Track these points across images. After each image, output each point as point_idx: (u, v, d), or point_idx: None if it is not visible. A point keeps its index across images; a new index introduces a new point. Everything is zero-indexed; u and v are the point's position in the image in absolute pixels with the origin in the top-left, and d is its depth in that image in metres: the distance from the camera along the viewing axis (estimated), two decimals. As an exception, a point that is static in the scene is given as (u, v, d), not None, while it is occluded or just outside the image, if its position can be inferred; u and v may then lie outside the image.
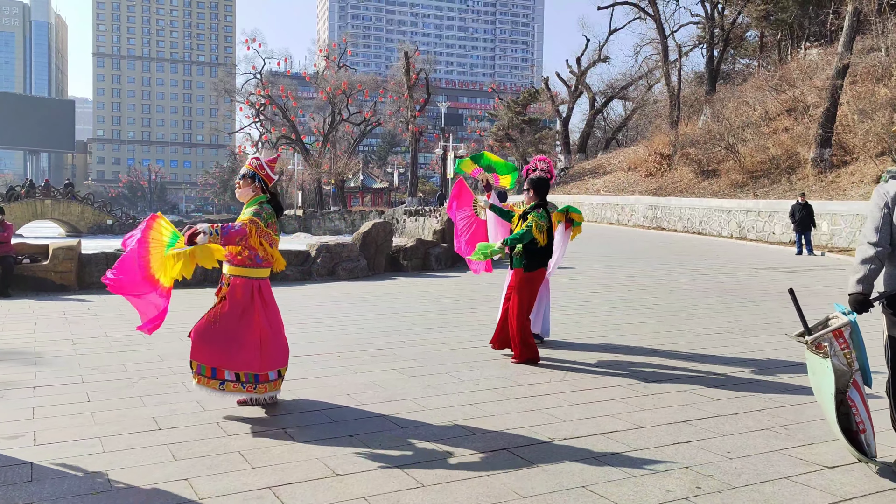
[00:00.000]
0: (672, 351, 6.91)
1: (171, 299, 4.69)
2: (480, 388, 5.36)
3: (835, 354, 3.64)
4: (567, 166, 52.45)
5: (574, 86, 55.93)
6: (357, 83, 54.63)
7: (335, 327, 8.07)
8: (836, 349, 3.64)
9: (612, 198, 35.54)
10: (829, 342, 3.65)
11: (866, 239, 3.58)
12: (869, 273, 3.56)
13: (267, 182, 4.90)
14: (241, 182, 4.88)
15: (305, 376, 5.71)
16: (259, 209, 4.72)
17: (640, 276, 13.90)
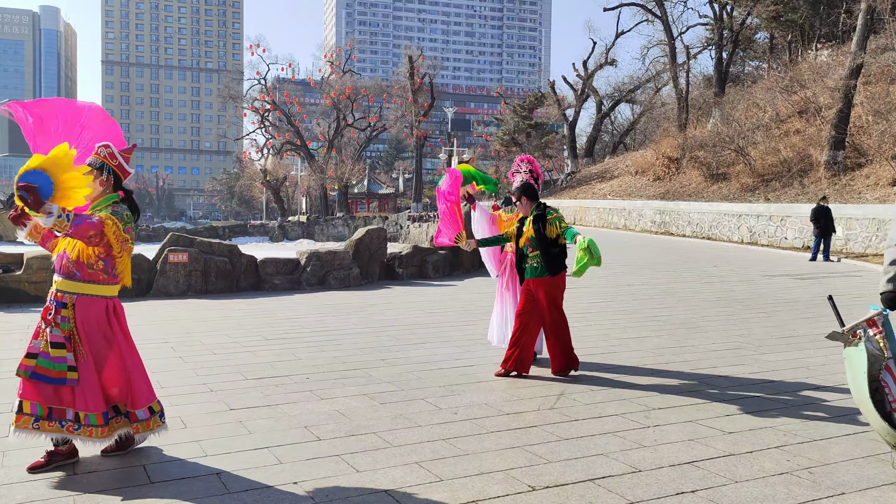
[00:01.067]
0: (677, 371, 6.25)
1: None
2: (458, 419, 4.73)
3: (868, 340, 3.78)
4: (574, 171, 51.77)
5: (581, 89, 55.28)
6: (362, 88, 54.08)
7: (312, 343, 7.45)
8: (870, 335, 3.79)
9: (620, 202, 34.83)
10: (862, 329, 3.82)
11: (894, 241, 3.78)
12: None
13: (121, 176, 4.04)
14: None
15: (263, 403, 5.08)
16: (116, 210, 3.87)
17: (646, 284, 13.22)
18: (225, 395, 5.28)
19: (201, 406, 4.99)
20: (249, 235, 43.75)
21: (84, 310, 3.80)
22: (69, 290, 3.81)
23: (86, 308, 3.80)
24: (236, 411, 4.85)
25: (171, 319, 9.08)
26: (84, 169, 3.77)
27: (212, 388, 5.50)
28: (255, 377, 5.89)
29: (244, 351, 7.02)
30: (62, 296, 3.81)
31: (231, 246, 12.82)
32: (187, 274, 11.95)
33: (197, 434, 4.36)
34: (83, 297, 3.81)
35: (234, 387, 5.56)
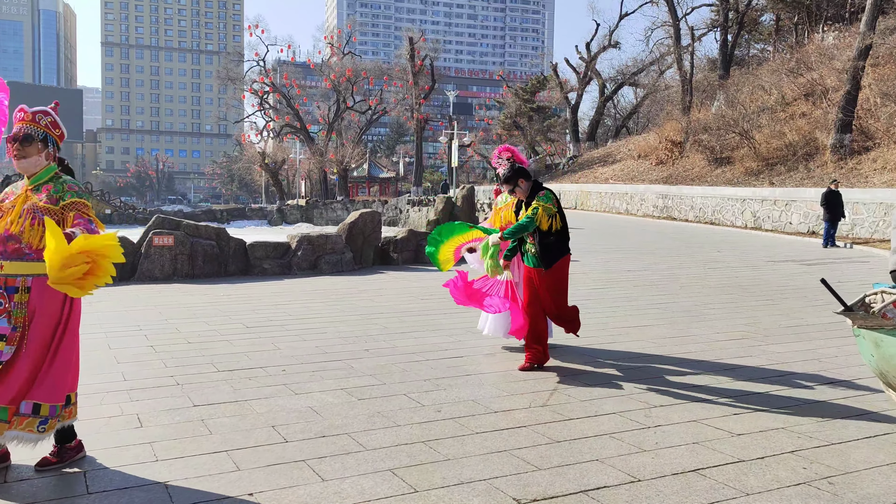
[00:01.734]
0: (680, 362, 5.85)
1: None
2: (441, 417, 4.33)
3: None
4: (576, 155, 51.21)
5: (583, 72, 54.55)
6: (362, 70, 53.40)
7: (294, 332, 7.05)
8: None
9: (621, 186, 34.34)
10: (893, 313, 3.88)
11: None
12: None
13: (59, 144, 3.65)
14: (26, 148, 3.48)
15: (233, 398, 4.69)
16: (71, 187, 3.52)
17: (648, 270, 12.80)
18: (191, 389, 4.89)
19: (163, 402, 4.60)
20: (248, 219, 43.32)
21: (41, 292, 3.35)
22: (23, 272, 3.37)
23: (43, 290, 3.34)
24: (199, 408, 4.46)
25: (150, 305, 8.69)
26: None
27: (178, 381, 5.10)
28: (227, 369, 5.50)
29: (221, 340, 6.63)
30: (14, 280, 3.37)
31: (219, 229, 12.41)
32: (173, 258, 11.55)
33: (151, 434, 3.97)
34: (41, 279, 3.32)
35: (203, 380, 5.17)
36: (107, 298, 9.25)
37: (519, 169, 5.66)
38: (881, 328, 3.88)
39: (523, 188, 5.64)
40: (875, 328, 3.91)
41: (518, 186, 5.65)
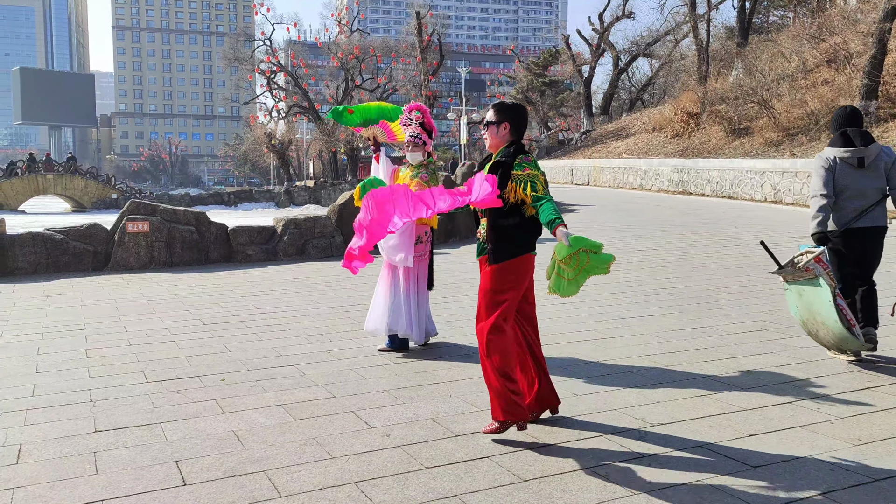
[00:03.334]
0: (687, 363, 5.00)
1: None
2: (389, 444, 3.54)
3: (822, 275, 4.60)
4: (589, 129, 49.94)
5: (596, 44, 53.04)
6: (369, 48, 52.30)
7: (254, 329, 6.29)
8: (821, 271, 4.61)
9: (635, 161, 33.19)
10: (813, 267, 4.62)
11: (818, 192, 4.85)
12: (824, 217, 4.84)
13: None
14: None
15: (146, 420, 3.93)
16: None
17: (658, 249, 11.90)
18: (103, 408, 4.14)
19: (60, 426, 3.85)
20: (255, 201, 42.69)
21: None
22: None
23: None
24: (99, 435, 3.70)
25: (107, 299, 7.96)
26: None
27: (94, 397, 4.35)
28: (158, 379, 4.75)
29: (167, 340, 5.88)
30: None
31: (198, 214, 11.66)
32: (149, 245, 10.83)
33: (21, 475, 3.22)
34: None
35: (122, 394, 4.42)
36: (67, 291, 8.57)
37: (506, 108, 3.78)
38: (803, 280, 4.70)
39: (502, 137, 3.75)
40: (799, 280, 4.73)
41: (498, 133, 3.74)
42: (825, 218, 4.84)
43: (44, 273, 10.16)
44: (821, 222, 4.83)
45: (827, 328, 4.70)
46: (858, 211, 4.85)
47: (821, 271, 4.61)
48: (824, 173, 4.87)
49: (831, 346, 4.96)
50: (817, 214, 4.84)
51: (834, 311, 4.57)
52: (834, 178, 4.83)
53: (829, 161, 4.90)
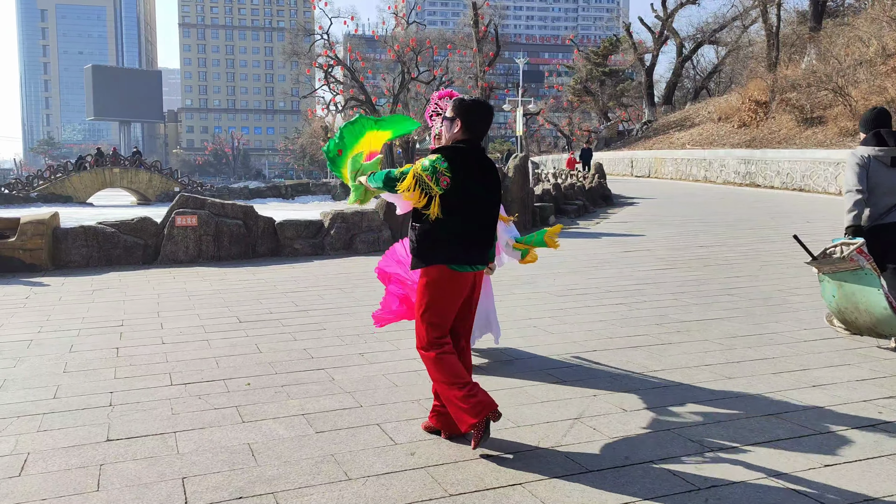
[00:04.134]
0: (752, 374, 4.51)
1: None
2: (412, 465, 3.21)
3: (866, 265, 4.82)
4: (650, 120, 48.57)
5: (659, 31, 51.51)
6: (426, 40, 52.05)
7: (289, 329, 6.06)
8: (863, 262, 4.85)
9: (700, 152, 32.02)
10: (857, 258, 4.84)
11: (853, 188, 5.11)
12: (859, 212, 5.08)
13: None
14: None
15: (160, 429, 3.70)
16: None
17: (723, 245, 11.24)
18: (120, 414, 3.94)
19: (72, 433, 3.65)
20: (312, 194, 43.00)
21: None
22: None
23: None
24: (110, 445, 3.49)
25: (150, 294, 7.88)
26: None
27: (113, 401, 4.17)
28: (183, 382, 4.54)
29: (200, 339, 5.70)
30: None
31: (246, 207, 11.58)
32: (197, 239, 10.80)
33: (21, 489, 3.01)
34: None
35: (143, 398, 4.22)
36: (114, 285, 8.55)
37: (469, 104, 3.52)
38: (846, 270, 4.93)
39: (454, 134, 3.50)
40: (840, 271, 4.97)
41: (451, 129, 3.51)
42: (860, 212, 5.07)
43: (95, 266, 10.23)
44: (856, 216, 5.06)
45: (871, 315, 4.92)
46: (888, 207, 5.09)
47: (864, 262, 4.84)
48: (858, 170, 5.10)
49: (871, 333, 5.12)
50: (853, 209, 5.07)
51: (883, 299, 4.78)
52: (867, 174, 5.08)
53: (863, 158, 5.12)
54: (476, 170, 3.43)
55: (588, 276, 8.63)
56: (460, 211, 3.38)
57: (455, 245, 3.39)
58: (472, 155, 3.44)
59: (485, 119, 3.51)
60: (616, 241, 12.31)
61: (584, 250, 11.10)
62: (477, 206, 3.43)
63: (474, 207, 3.42)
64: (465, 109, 3.48)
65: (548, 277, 8.56)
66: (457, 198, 3.36)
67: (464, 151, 3.42)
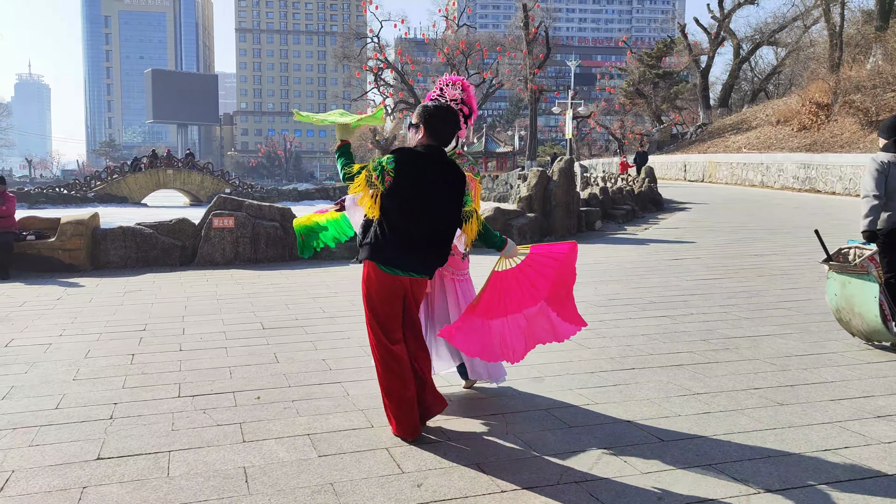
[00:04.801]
0: (807, 401, 4.05)
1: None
2: (417, 500, 2.90)
3: (872, 272, 5.15)
4: (705, 123, 47.27)
5: (716, 32, 50.14)
6: (475, 42, 51.81)
7: (311, 336, 5.82)
8: (872, 269, 5.16)
9: (756, 156, 30.90)
10: (867, 265, 5.16)
11: (871, 193, 5.18)
12: (875, 217, 5.17)
13: None
14: None
15: (155, 448, 3.47)
16: None
17: (778, 254, 10.62)
18: (118, 429, 3.73)
19: (64, 449, 3.45)
20: (360, 196, 43.13)
21: None
22: None
23: None
24: (99, 463, 3.27)
25: (180, 297, 7.76)
26: None
27: (115, 414, 3.97)
28: (191, 393, 4.33)
29: (219, 346, 5.50)
30: None
31: (283, 209, 11.45)
32: (234, 241, 10.71)
33: (-10, 514, 2.81)
34: None
35: (146, 410, 4.01)
36: (146, 287, 8.47)
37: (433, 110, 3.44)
38: (852, 273, 5.19)
39: (419, 139, 3.45)
40: (848, 272, 5.23)
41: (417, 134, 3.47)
42: (876, 217, 5.17)
43: (133, 267, 10.22)
44: (871, 221, 5.17)
45: (863, 320, 5.20)
46: None
47: (872, 269, 5.14)
48: (878, 175, 5.17)
49: (861, 336, 5.36)
50: (869, 214, 5.18)
51: (876, 307, 5.07)
52: (886, 180, 5.16)
53: (883, 164, 5.19)
54: (430, 175, 3.32)
55: (632, 286, 8.19)
56: (400, 213, 3.30)
57: (390, 246, 3.34)
58: (430, 159, 3.35)
59: (447, 123, 3.44)
60: (664, 247, 11.78)
61: (629, 257, 10.63)
62: (421, 211, 3.32)
63: (418, 212, 3.32)
64: (427, 115, 3.43)
65: (589, 286, 8.15)
66: (398, 199, 3.29)
67: (418, 154, 3.35)
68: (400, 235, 3.34)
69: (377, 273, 3.44)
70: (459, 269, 4.10)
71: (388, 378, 3.48)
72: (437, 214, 3.38)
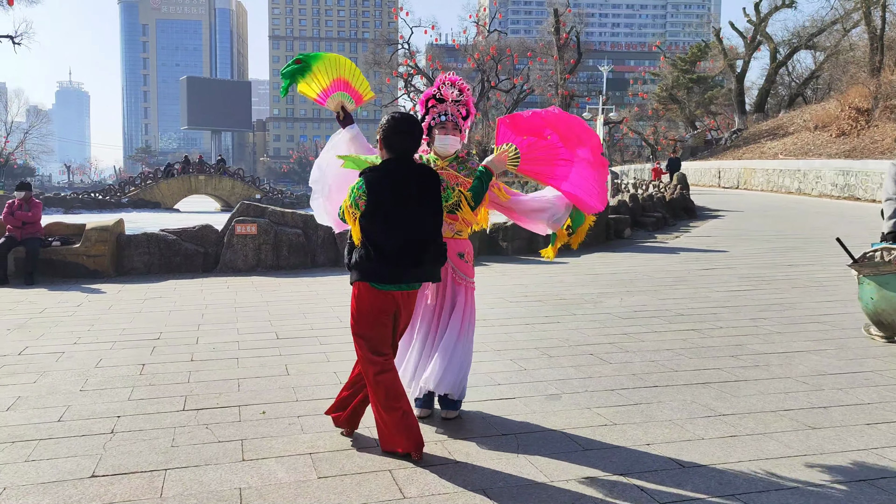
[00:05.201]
0: (842, 424, 3.80)
1: None
2: (415, 528, 2.73)
3: None
4: (740, 128, 46.45)
5: (752, 36, 49.37)
6: (506, 48, 51.65)
7: (322, 349, 5.69)
8: None
9: (793, 162, 30.21)
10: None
11: (892, 195, 5.47)
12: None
13: None
14: None
15: (150, 465, 3.35)
16: None
17: (815, 264, 10.25)
18: (116, 444, 3.63)
19: (59, 466, 3.35)
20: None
21: None
22: None
23: None
24: (93, 481, 3.16)
25: (198, 305, 7.71)
26: None
27: (116, 428, 3.87)
28: (196, 407, 4.22)
29: (230, 357, 5.40)
30: None
31: (306, 216, 11.37)
32: (256, 248, 10.67)
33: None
34: None
35: (148, 425, 3.90)
36: (167, 294, 8.44)
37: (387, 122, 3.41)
38: (889, 273, 5.19)
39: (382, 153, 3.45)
40: (883, 273, 5.23)
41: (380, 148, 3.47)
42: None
43: (156, 274, 10.23)
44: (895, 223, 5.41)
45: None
46: None
47: None
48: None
49: None
50: (893, 216, 5.41)
51: None
52: None
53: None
54: (402, 186, 3.29)
55: (659, 297, 7.93)
56: (379, 230, 3.29)
57: (377, 263, 3.31)
58: (399, 171, 3.32)
59: (399, 132, 3.37)
60: (695, 256, 11.47)
61: (658, 267, 10.35)
62: (400, 222, 3.29)
63: (396, 225, 3.28)
64: (383, 128, 3.41)
65: (614, 297, 7.92)
66: (375, 217, 3.28)
67: (385, 169, 3.34)
68: (384, 251, 3.31)
69: (369, 292, 3.40)
70: (471, 276, 3.95)
71: (384, 394, 3.38)
72: (415, 223, 3.34)
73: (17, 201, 9.95)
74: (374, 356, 3.41)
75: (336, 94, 4.18)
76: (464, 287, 3.89)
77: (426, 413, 4.00)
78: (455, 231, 3.87)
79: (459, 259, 3.88)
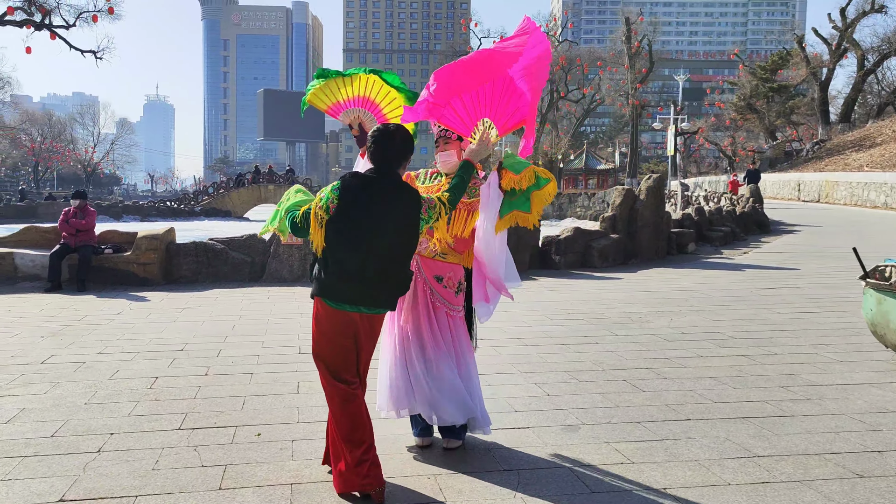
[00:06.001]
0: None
1: None
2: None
3: None
4: (823, 139, 44.26)
5: (837, 43, 47.08)
6: (576, 57, 50.93)
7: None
8: None
9: (879, 175, 28.47)
10: None
11: None
12: None
13: None
14: None
15: (125, 492, 3.19)
16: None
17: (892, 285, 9.42)
18: (98, 465, 3.49)
19: (32, 486, 3.23)
20: (455, 213, 43.07)
21: None
22: None
23: None
24: None
25: (233, 316, 7.63)
26: None
27: (103, 447, 3.73)
28: (193, 425, 4.06)
29: (245, 372, 5.24)
30: None
31: (353, 227, 11.27)
32: (302, 258, 10.60)
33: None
34: None
35: (137, 444, 3.75)
36: (206, 304, 8.44)
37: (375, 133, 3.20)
38: (888, 291, 5.38)
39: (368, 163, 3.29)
40: (884, 290, 5.41)
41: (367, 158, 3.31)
42: None
43: (203, 282, 10.29)
44: None
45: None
46: None
47: None
48: None
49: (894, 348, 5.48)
50: None
51: None
52: None
53: None
54: (377, 201, 3.04)
55: (713, 317, 7.40)
56: (342, 243, 3.03)
57: (334, 279, 3.05)
58: (377, 185, 3.07)
59: (380, 145, 3.15)
60: (761, 274, 10.77)
61: (718, 284, 9.74)
62: (364, 239, 3.02)
63: (361, 241, 3.02)
64: (371, 139, 3.19)
65: (663, 316, 7.44)
66: (341, 226, 3.03)
67: (364, 179, 3.11)
68: (344, 267, 3.05)
69: (325, 309, 3.14)
70: (454, 303, 3.61)
71: (345, 424, 3.10)
72: (382, 243, 3.05)
73: (73, 209, 10.20)
74: (337, 382, 3.14)
75: (353, 110, 4.08)
76: (444, 312, 3.57)
77: (426, 442, 3.72)
78: (435, 252, 3.56)
79: (437, 283, 3.56)
